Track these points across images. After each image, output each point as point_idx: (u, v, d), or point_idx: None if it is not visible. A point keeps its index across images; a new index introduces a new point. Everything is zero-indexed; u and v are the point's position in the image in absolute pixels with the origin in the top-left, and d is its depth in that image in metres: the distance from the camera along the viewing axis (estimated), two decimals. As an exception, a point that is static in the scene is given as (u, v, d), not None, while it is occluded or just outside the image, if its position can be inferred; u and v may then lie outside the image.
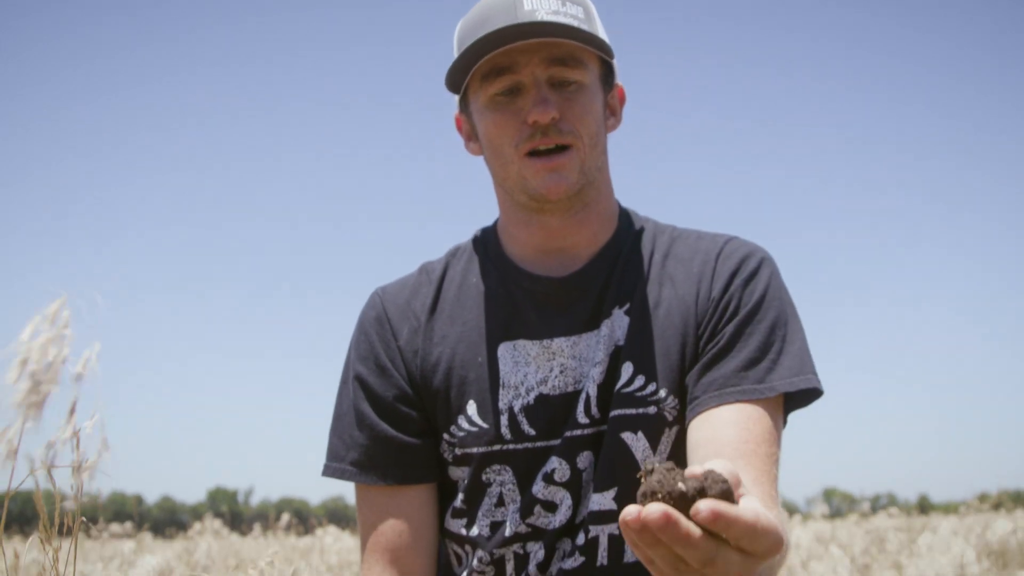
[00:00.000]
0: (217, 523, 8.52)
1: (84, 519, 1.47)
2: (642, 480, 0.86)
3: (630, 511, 0.83)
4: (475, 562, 1.58)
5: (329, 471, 1.63)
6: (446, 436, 1.59)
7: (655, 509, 0.81)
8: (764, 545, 0.85)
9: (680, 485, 0.83)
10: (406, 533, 1.58)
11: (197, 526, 8.22)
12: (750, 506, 0.84)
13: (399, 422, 1.61)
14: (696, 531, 0.82)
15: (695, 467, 0.86)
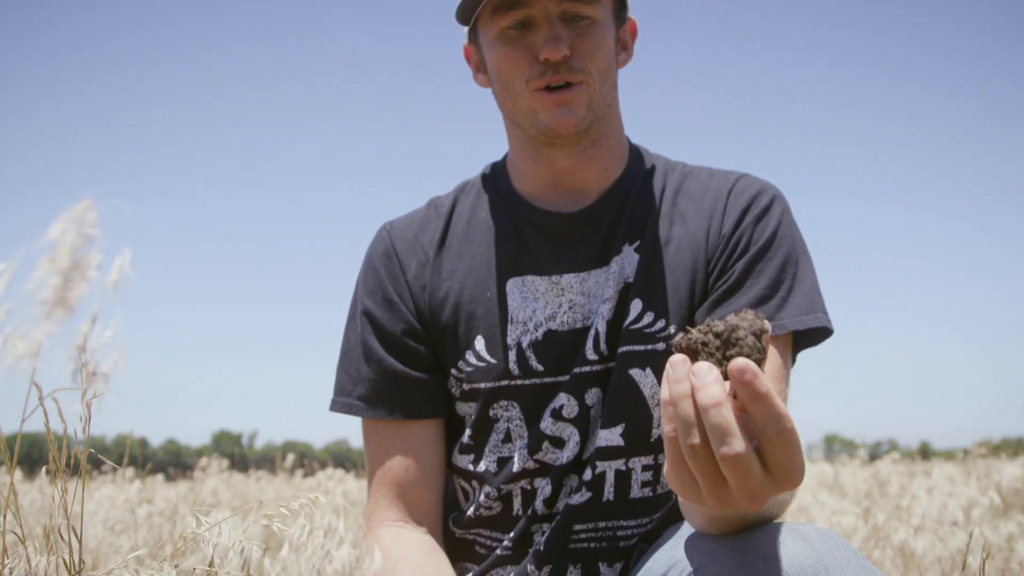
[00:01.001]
0: (224, 463, 8.59)
1: (93, 451, 1.45)
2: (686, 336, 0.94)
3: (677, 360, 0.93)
4: (482, 497, 1.58)
5: (336, 406, 1.62)
6: (454, 371, 1.59)
7: (704, 364, 0.90)
8: (794, 465, 0.90)
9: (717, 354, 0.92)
10: (413, 468, 1.57)
11: (203, 463, 8.28)
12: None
13: (407, 357, 1.60)
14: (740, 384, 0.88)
15: (719, 322, 0.94)
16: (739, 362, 0.87)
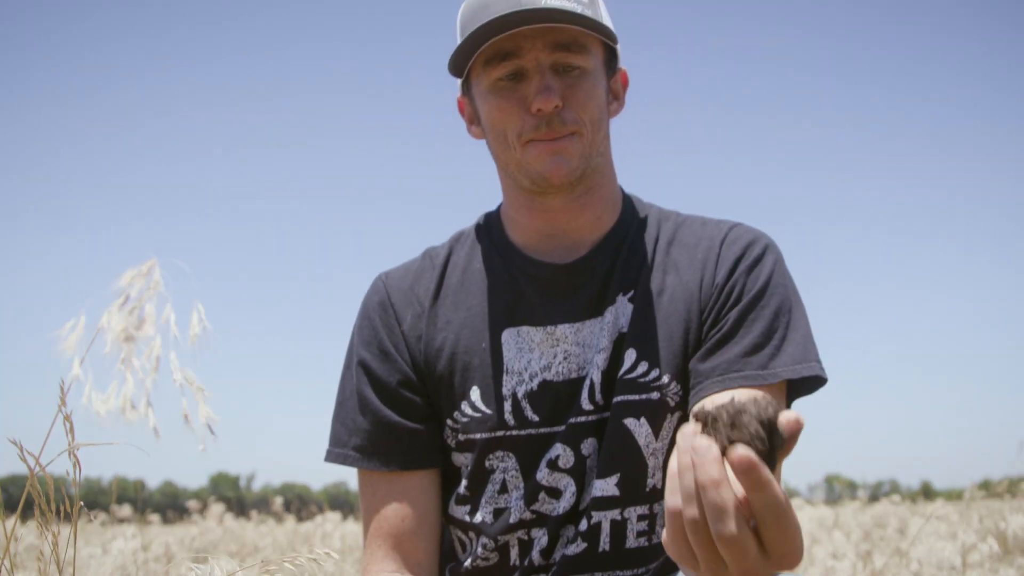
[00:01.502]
0: (220, 507, 8.53)
1: (83, 504, 1.46)
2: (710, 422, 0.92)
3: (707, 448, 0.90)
4: (479, 548, 1.58)
5: (332, 456, 1.62)
6: (449, 422, 1.58)
7: (745, 451, 0.87)
8: (790, 527, 0.90)
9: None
10: (409, 519, 1.56)
11: (201, 506, 8.23)
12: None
13: (402, 407, 1.60)
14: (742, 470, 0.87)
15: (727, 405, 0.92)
16: (739, 451, 0.87)
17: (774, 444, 0.90)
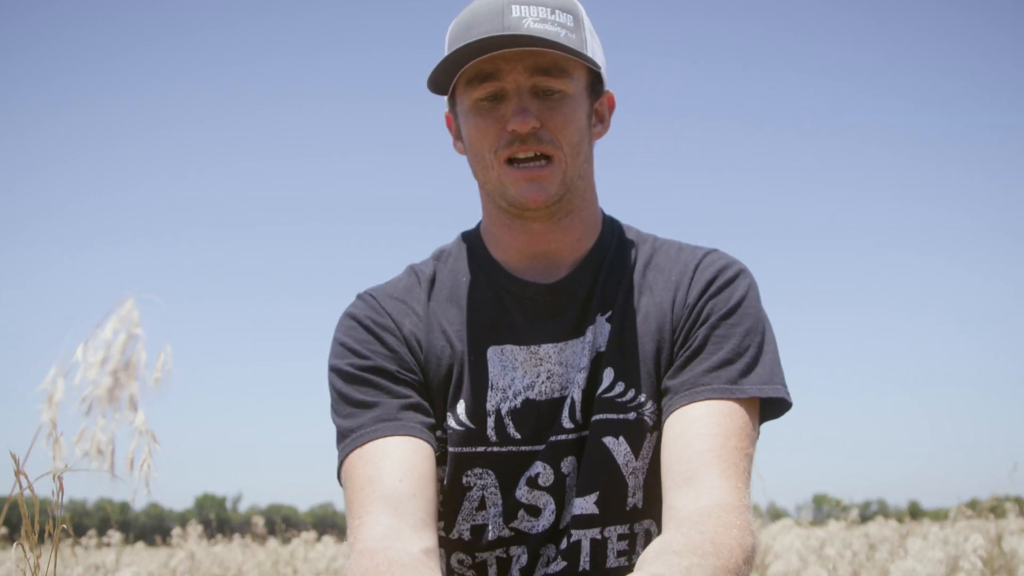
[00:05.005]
0: (199, 530, 8.46)
1: (64, 527, 1.45)
2: None
3: None
4: (454, 563, 1.57)
5: (343, 453, 1.53)
6: (438, 433, 1.57)
7: None
8: None
9: None
10: (408, 480, 1.45)
11: (182, 531, 8.16)
12: None
13: (406, 382, 1.55)
14: None
15: None
16: None
17: None
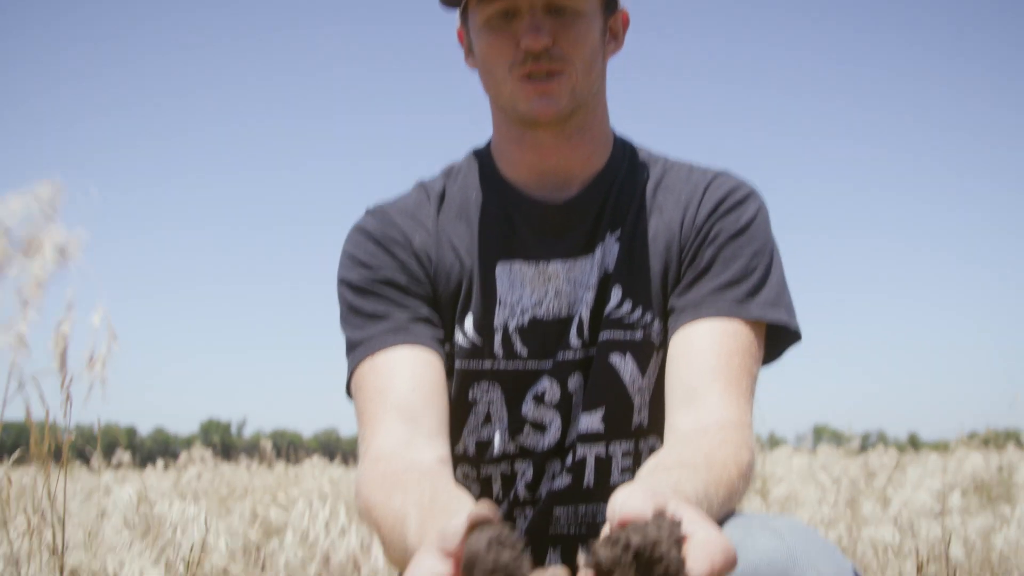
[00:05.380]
0: (207, 453, 8.58)
1: (77, 446, 1.46)
2: (596, 554, 0.81)
3: None
4: (459, 476, 1.59)
5: (354, 362, 1.53)
6: (445, 347, 1.57)
7: None
8: None
9: (633, 570, 0.80)
10: (421, 390, 1.46)
11: (191, 453, 8.27)
12: (704, 555, 0.81)
13: (416, 295, 1.56)
14: None
15: (635, 534, 0.81)
16: None
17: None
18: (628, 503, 0.87)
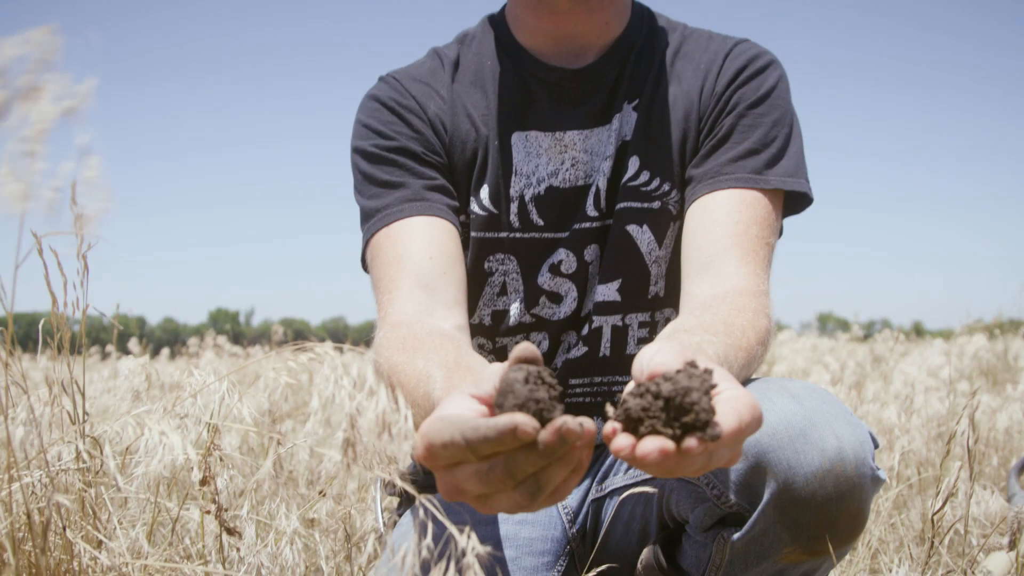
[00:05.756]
0: (221, 339, 8.65)
1: (93, 306, 1.46)
2: (625, 403, 0.81)
3: (622, 444, 0.80)
4: (475, 347, 1.60)
5: (370, 231, 1.52)
6: (461, 217, 1.56)
7: (652, 447, 0.78)
8: (750, 434, 0.83)
9: (664, 416, 0.79)
10: (438, 258, 1.46)
11: (201, 340, 8.35)
12: (732, 410, 0.81)
13: (431, 163, 1.55)
14: (692, 453, 0.78)
15: (666, 382, 0.80)
16: (696, 448, 0.78)
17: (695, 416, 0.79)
18: (657, 357, 0.87)
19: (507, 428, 0.77)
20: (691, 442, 0.78)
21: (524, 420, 0.77)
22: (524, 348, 0.84)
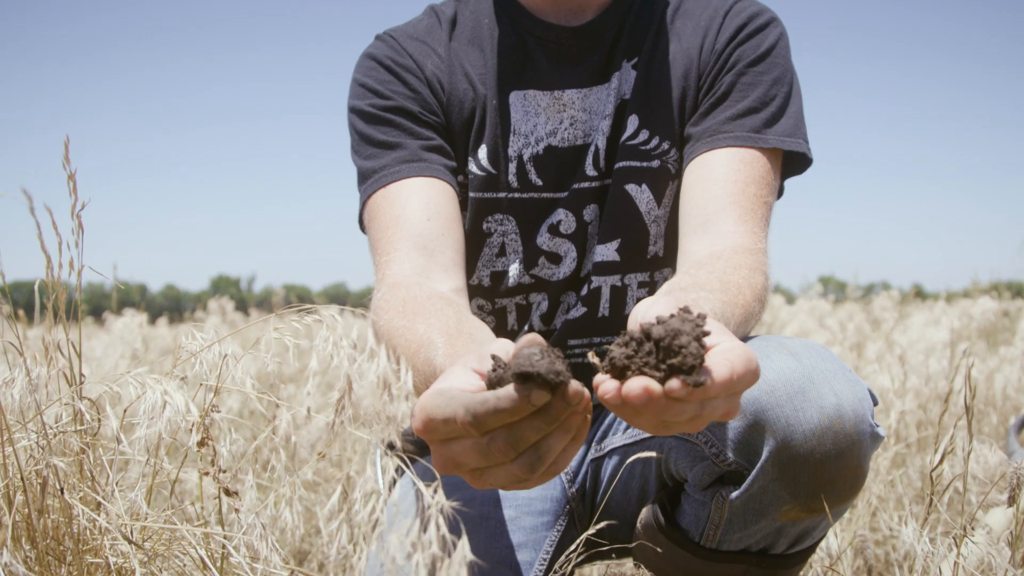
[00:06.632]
0: (226, 304, 8.63)
1: (89, 266, 1.45)
2: (610, 352, 0.81)
3: (608, 388, 0.80)
4: (474, 309, 1.59)
5: (367, 192, 1.51)
6: (460, 178, 1.55)
7: (636, 386, 0.78)
8: (744, 387, 0.82)
9: (651, 359, 0.79)
10: (436, 220, 1.45)
11: (206, 308, 8.32)
12: (724, 360, 0.80)
13: (428, 123, 1.53)
14: (676, 395, 0.78)
15: (656, 325, 0.80)
16: (678, 391, 0.78)
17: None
18: (653, 308, 0.87)
19: (523, 394, 0.77)
20: (674, 383, 0.77)
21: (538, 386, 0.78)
22: (533, 336, 0.84)
